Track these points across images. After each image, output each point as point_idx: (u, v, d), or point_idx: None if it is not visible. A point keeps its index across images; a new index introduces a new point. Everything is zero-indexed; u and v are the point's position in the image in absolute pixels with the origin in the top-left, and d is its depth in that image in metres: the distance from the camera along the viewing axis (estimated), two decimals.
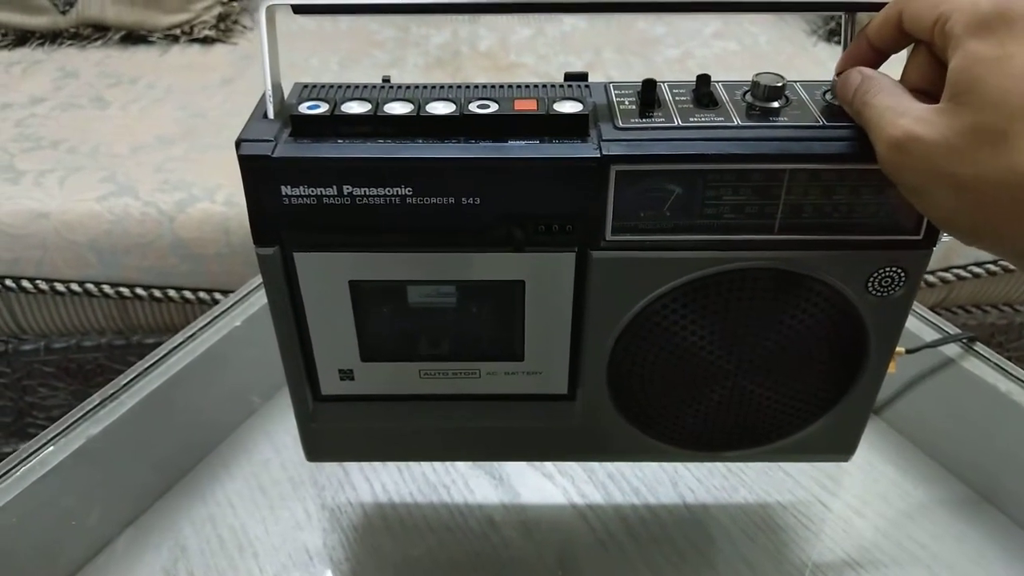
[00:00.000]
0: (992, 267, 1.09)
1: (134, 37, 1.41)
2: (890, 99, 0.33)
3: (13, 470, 0.52)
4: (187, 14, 1.40)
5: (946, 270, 1.09)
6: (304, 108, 0.38)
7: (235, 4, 1.46)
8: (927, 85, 0.34)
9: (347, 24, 1.49)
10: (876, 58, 0.37)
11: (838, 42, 1.40)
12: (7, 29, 1.38)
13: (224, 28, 1.43)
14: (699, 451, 0.48)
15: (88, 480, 0.54)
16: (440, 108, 0.38)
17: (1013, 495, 0.57)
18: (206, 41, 1.41)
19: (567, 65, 1.35)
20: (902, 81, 0.35)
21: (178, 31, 1.40)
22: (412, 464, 0.61)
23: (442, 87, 0.40)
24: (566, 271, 0.40)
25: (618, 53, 1.39)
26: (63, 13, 1.38)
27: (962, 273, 1.09)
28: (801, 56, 1.39)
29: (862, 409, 0.47)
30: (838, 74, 0.38)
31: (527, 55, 1.39)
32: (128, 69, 1.32)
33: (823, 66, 1.33)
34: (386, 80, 0.41)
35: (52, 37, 1.39)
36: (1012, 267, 1.09)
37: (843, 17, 0.40)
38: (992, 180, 0.30)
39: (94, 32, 1.40)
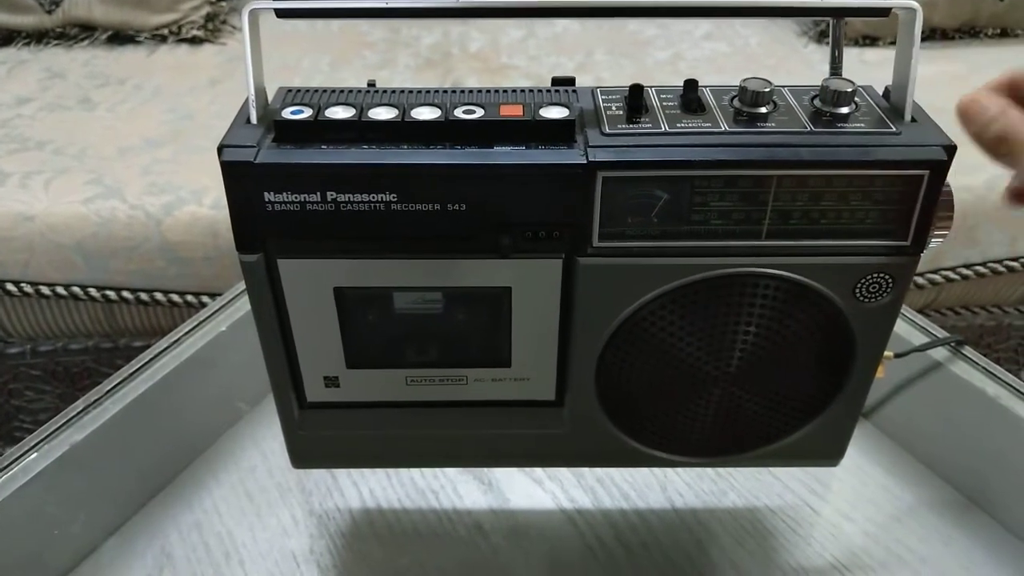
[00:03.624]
0: (981, 269, 1.09)
1: (121, 37, 1.40)
2: None
3: None
4: (175, 14, 1.39)
5: (935, 272, 1.10)
6: (287, 113, 0.37)
7: (223, 4, 1.45)
8: None
9: (338, 25, 1.48)
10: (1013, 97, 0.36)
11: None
12: None
13: (212, 28, 1.42)
14: (688, 457, 0.48)
15: (72, 487, 0.54)
16: (425, 113, 0.37)
17: (1001, 498, 0.57)
18: (194, 41, 1.40)
19: (558, 66, 1.35)
20: None
21: (166, 31, 1.40)
22: (400, 469, 0.61)
23: (427, 92, 0.39)
24: (553, 278, 0.40)
25: (609, 55, 1.39)
26: (49, 12, 1.37)
27: (951, 275, 1.09)
28: (792, 58, 1.39)
29: (850, 415, 0.46)
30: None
31: (518, 56, 1.39)
32: (115, 69, 1.31)
33: (814, 68, 1.33)
34: (371, 84, 0.40)
35: (38, 37, 1.39)
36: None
37: (831, 21, 0.40)
38: None
39: (81, 32, 1.39)
